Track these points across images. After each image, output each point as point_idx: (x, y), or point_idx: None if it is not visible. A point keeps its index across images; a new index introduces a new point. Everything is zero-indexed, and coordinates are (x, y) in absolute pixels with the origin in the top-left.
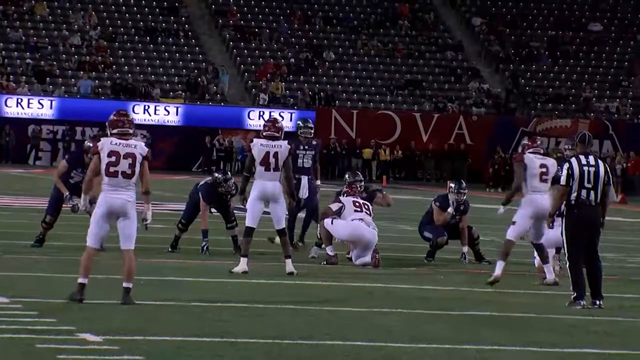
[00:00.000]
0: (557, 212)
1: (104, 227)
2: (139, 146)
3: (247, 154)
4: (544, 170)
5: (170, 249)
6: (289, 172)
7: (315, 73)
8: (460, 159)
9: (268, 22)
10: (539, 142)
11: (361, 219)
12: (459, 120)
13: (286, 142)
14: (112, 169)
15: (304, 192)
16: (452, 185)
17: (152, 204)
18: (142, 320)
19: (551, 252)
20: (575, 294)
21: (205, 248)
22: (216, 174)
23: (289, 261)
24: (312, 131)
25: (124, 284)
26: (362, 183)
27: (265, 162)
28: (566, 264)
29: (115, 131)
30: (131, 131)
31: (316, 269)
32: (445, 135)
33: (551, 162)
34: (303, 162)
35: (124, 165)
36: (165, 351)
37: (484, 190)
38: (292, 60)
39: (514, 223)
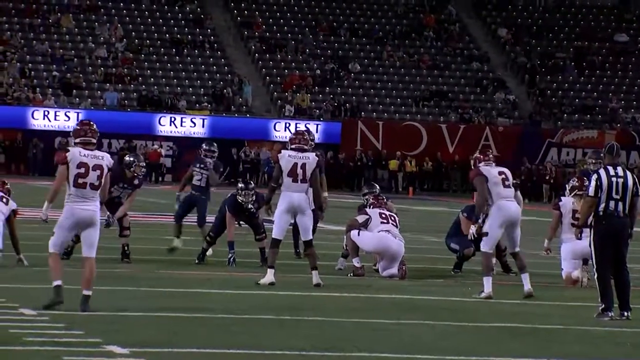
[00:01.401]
0: (584, 223)
1: (68, 237)
2: (105, 157)
3: (274, 164)
4: (503, 176)
5: (197, 261)
6: (316, 184)
7: (341, 84)
8: None
9: (293, 33)
10: (490, 155)
11: (388, 231)
12: (485, 131)
13: (314, 154)
14: (80, 181)
15: None
16: None
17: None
18: (169, 333)
19: (579, 263)
20: (603, 306)
21: (231, 260)
22: (239, 184)
23: (315, 273)
24: (313, 144)
25: (84, 292)
26: (379, 194)
27: (293, 173)
28: (594, 275)
29: (77, 140)
30: (94, 140)
31: (343, 280)
32: (471, 146)
33: (507, 170)
34: None
35: (92, 177)
36: None
37: None
38: (318, 71)
39: (486, 235)
